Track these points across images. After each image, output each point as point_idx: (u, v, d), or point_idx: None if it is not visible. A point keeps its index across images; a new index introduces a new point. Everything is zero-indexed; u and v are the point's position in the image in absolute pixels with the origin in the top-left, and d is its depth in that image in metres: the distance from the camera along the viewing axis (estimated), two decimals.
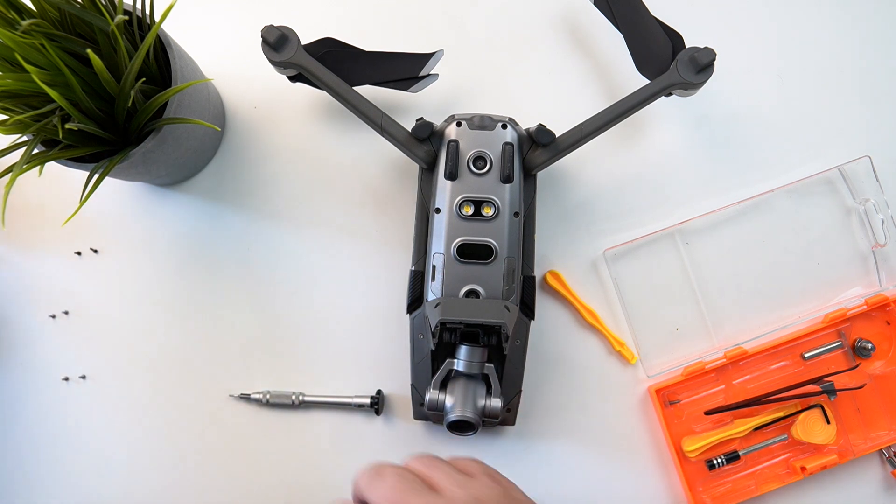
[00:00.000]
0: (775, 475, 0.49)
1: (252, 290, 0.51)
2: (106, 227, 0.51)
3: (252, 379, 0.50)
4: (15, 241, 0.52)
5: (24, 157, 0.38)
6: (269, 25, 0.44)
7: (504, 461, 0.49)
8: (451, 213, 0.44)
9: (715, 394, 0.50)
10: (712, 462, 0.48)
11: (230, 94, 0.53)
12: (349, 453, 0.50)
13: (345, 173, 0.52)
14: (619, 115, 0.45)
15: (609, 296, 0.51)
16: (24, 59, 0.35)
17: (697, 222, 0.51)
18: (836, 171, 0.51)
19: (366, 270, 0.51)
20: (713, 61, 0.44)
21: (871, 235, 0.51)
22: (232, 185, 0.52)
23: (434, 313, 0.41)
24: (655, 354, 0.50)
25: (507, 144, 0.44)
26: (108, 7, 0.39)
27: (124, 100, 0.39)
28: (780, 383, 0.49)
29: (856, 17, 0.53)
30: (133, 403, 0.50)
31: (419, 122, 0.45)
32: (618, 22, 0.47)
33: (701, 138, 0.52)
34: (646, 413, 0.50)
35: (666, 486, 0.49)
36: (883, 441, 0.49)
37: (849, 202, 0.51)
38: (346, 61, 0.47)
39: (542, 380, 0.50)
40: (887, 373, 0.50)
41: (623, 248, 0.50)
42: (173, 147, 0.44)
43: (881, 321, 0.51)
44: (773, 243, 0.51)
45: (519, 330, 0.46)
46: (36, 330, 0.51)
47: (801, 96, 0.52)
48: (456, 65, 0.51)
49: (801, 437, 0.48)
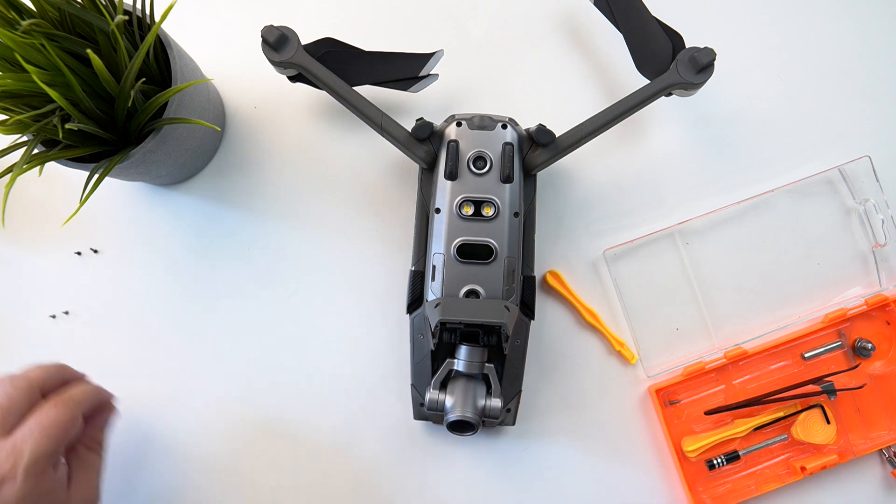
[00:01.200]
0: (775, 475, 0.49)
1: (252, 290, 0.51)
2: (106, 227, 0.52)
3: (252, 377, 0.50)
4: (15, 241, 0.52)
5: (24, 157, 0.38)
6: (269, 25, 0.44)
7: (504, 461, 0.49)
8: (451, 213, 0.44)
9: (715, 394, 0.50)
10: (712, 462, 0.48)
11: (230, 94, 0.53)
12: (350, 451, 0.50)
13: (345, 173, 0.52)
14: (619, 116, 0.45)
15: (609, 296, 0.51)
16: (24, 59, 0.35)
17: (697, 222, 0.51)
18: (836, 171, 0.51)
19: (366, 270, 0.51)
20: (713, 61, 0.44)
21: (871, 235, 0.51)
22: (232, 185, 0.52)
23: (434, 313, 0.41)
24: (655, 354, 0.50)
25: (507, 144, 0.44)
26: (108, 7, 0.39)
27: (124, 100, 0.39)
28: (780, 383, 0.49)
29: (856, 18, 0.53)
30: (132, 403, 0.50)
31: (419, 122, 0.45)
32: (618, 22, 0.47)
33: (701, 138, 0.52)
34: (646, 413, 0.50)
35: (666, 486, 0.49)
36: (883, 441, 0.49)
37: (849, 202, 0.51)
38: (345, 61, 0.47)
39: (542, 380, 0.50)
40: (887, 373, 0.50)
41: (623, 248, 0.50)
42: (173, 147, 0.44)
43: (881, 321, 0.51)
44: (773, 243, 0.51)
45: (519, 330, 0.46)
46: (36, 330, 0.51)
47: (801, 96, 0.53)
48: (456, 65, 0.51)
49: (801, 437, 0.48)
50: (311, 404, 0.50)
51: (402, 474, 0.49)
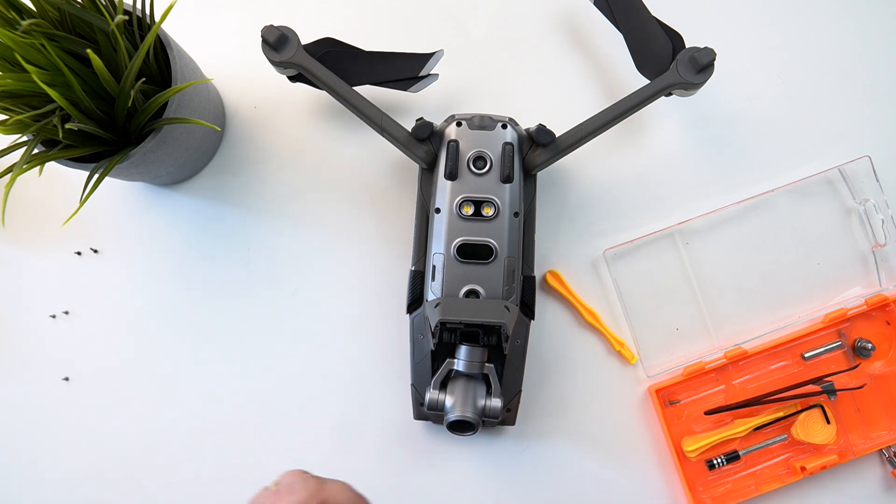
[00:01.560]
0: (775, 475, 0.49)
1: (252, 290, 0.51)
2: (106, 227, 0.51)
3: (252, 376, 0.50)
4: (15, 241, 0.52)
5: (24, 157, 0.38)
6: (269, 25, 0.44)
7: (504, 461, 0.49)
8: (451, 213, 0.44)
9: (715, 394, 0.50)
10: (712, 462, 0.48)
11: (230, 94, 0.53)
12: (349, 451, 0.50)
13: (345, 173, 0.52)
14: (619, 115, 0.45)
15: (609, 296, 0.51)
16: (24, 59, 0.35)
17: (697, 222, 0.51)
18: (836, 171, 0.51)
19: (366, 270, 0.51)
20: (713, 61, 0.44)
21: (871, 235, 0.51)
22: (232, 185, 0.52)
23: (434, 313, 0.41)
24: (655, 354, 0.50)
25: (507, 144, 0.44)
26: (108, 7, 0.39)
27: (124, 100, 0.39)
28: (780, 383, 0.49)
29: (857, 18, 0.53)
30: (132, 403, 0.50)
31: (419, 122, 0.45)
32: (618, 22, 0.47)
33: (701, 138, 0.52)
34: (646, 413, 0.50)
35: (666, 486, 0.49)
36: (883, 441, 0.49)
37: (849, 202, 0.51)
38: (345, 61, 0.47)
39: (542, 380, 0.50)
40: (887, 373, 0.50)
41: (623, 248, 0.50)
42: (173, 147, 0.44)
43: (881, 321, 0.51)
44: (774, 243, 0.51)
45: (519, 330, 0.46)
46: (36, 330, 0.51)
47: (801, 96, 0.52)
48: (456, 65, 0.51)
49: (801, 437, 0.48)
50: (310, 404, 0.50)
51: (402, 474, 0.49)
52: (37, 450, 0.50)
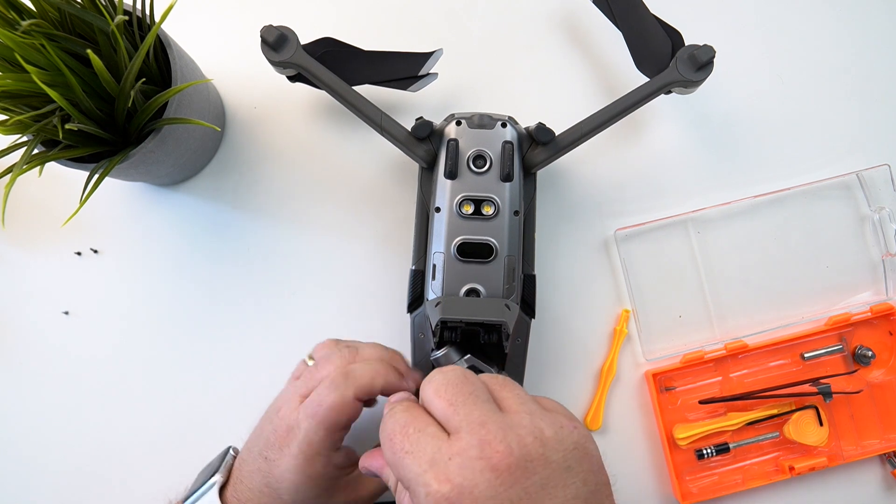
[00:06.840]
0: (763, 472, 0.49)
1: (252, 290, 0.51)
2: (106, 227, 0.52)
3: (252, 376, 0.50)
4: (15, 241, 0.52)
5: (24, 157, 0.38)
6: (269, 25, 0.44)
7: None
8: (451, 212, 0.44)
9: (711, 384, 0.50)
10: (702, 452, 0.48)
11: (230, 94, 0.53)
12: None
13: (345, 173, 0.52)
14: (618, 114, 0.45)
15: (617, 277, 0.51)
16: (24, 59, 0.35)
17: (711, 212, 0.50)
18: (854, 177, 0.51)
19: (366, 270, 0.51)
20: (712, 59, 0.44)
21: (882, 244, 0.51)
22: (232, 186, 0.52)
23: (434, 312, 0.41)
24: (656, 339, 0.50)
25: (506, 143, 0.44)
26: (108, 7, 0.39)
27: (124, 100, 0.39)
28: (778, 381, 0.49)
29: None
30: (132, 403, 0.50)
31: (419, 122, 0.45)
32: (617, 20, 0.47)
33: (704, 137, 0.52)
34: (641, 396, 0.50)
35: (653, 472, 0.49)
36: (874, 450, 0.49)
37: (864, 209, 0.51)
38: (345, 61, 0.47)
39: (543, 379, 0.50)
40: (885, 382, 0.50)
41: (634, 230, 0.50)
42: (173, 147, 0.44)
43: (884, 330, 0.50)
44: (785, 242, 0.51)
45: (519, 328, 0.46)
46: (36, 330, 0.51)
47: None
48: (455, 64, 0.51)
49: (792, 437, 0.48)
50: None
51: None
52: (37, 450, 0.50)
